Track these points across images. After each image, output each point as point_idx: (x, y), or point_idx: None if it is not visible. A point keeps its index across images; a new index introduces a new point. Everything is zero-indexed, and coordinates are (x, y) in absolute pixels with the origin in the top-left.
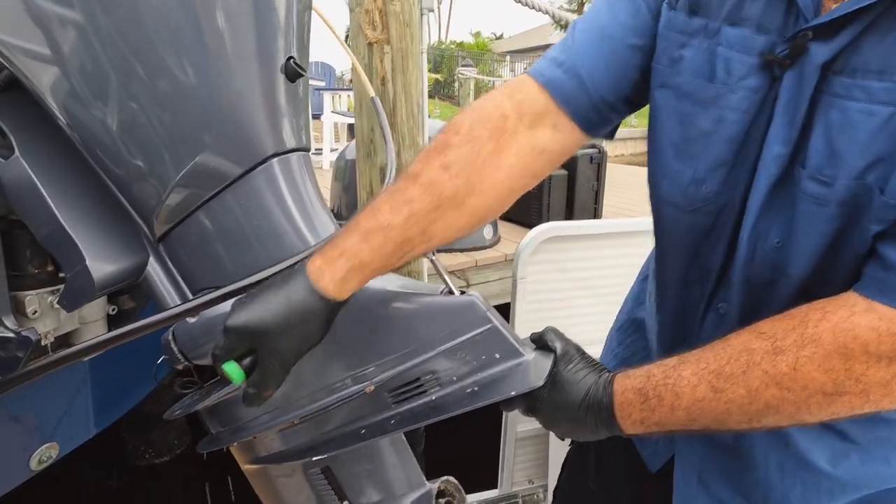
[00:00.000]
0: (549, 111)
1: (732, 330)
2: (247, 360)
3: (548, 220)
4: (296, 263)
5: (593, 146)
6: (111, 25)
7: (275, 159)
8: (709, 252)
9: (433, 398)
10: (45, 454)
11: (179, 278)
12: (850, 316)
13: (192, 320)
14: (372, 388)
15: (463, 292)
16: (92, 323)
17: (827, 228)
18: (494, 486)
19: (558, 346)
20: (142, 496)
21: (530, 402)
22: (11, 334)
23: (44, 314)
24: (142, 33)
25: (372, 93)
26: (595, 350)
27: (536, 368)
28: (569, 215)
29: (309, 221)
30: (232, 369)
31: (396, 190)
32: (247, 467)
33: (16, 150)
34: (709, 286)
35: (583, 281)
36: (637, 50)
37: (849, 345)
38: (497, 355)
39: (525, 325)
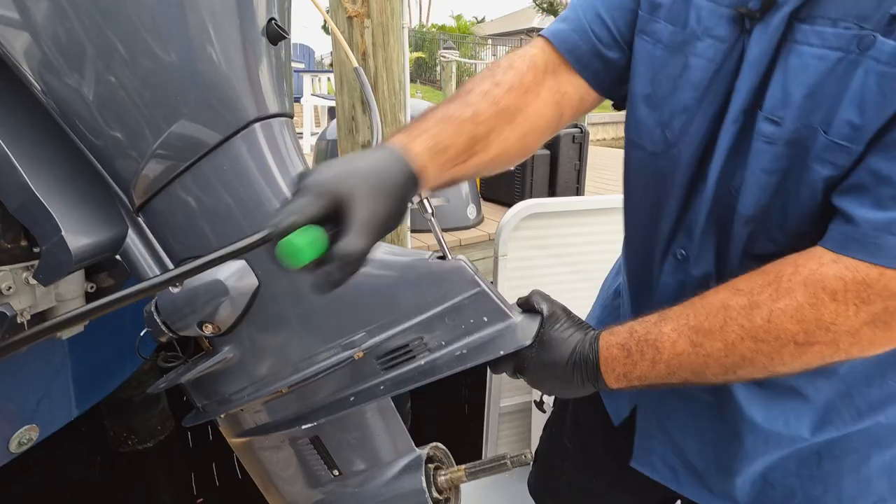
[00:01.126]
0: (561, 60)
1: (690, 274)
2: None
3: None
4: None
5: (575, 126)
6: None
7: (257, 124)
8: (668, 197)
9: (422, 363)
10: (24, 436)
11: (160, 250)
12: (819, 268)
13: (174, 290)
14: (361, 354)
15: (454, 257)
16: (70, 300)
17: (774, 167)
18: None
19: (545, 307)
20: (127, 483)
21: (518, 362)
22: None
23: (18, 291)
24: None
25: (355, 63)
26: None
27: (524, 329)
28: (552, 195)
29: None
30: (301, 242)
31: (456, 98)
32: (234, 441)
33: None
34: (667, 231)
35: (564, 257)
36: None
37: (818, 295)
38: (485, 318)
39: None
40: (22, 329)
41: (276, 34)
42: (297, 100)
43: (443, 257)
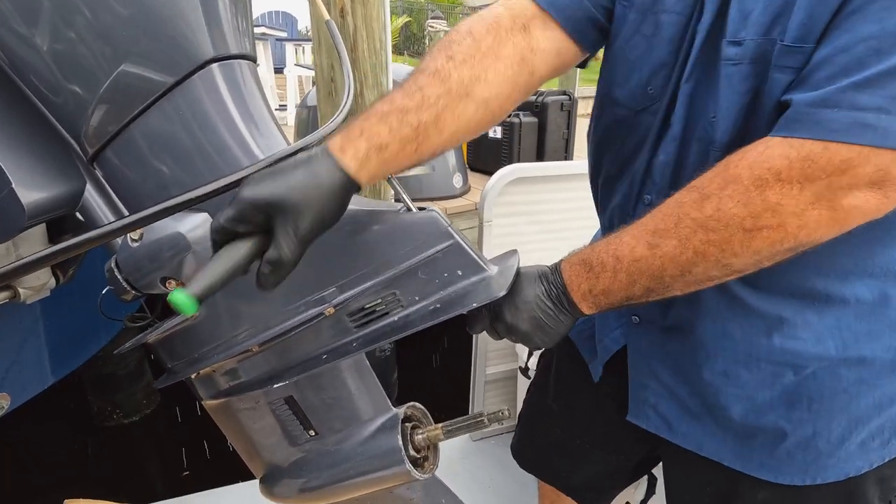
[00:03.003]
0: (536, 14)
1: None
2: (250, 241)
3: None
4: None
5: (564, 93)
6: None
7: (215, 65)
8: (642, 147)
9: (395, 319)
10: None
11: (120, 204)
12: (765, 150)
13: (134, 245)
14: (332, 310)
15: (422, 209)
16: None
17: (743, 87)
18: None
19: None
20: (114, 457)
21: (492, 311)
22: None
23: None
24: None
25: (327, 16)
26: None
27: (498, 281)
28: (540, 159)
29: (256, 133)
30: (180, 298)
31: (407, 81)
32: (209, 403)
33: None
34: (637, 181)
35: (550, 224)
36: None
37: (763, 175)
38: (459, 272)
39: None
40: None
41: None
42: (280, 70)
43: (409, 210)
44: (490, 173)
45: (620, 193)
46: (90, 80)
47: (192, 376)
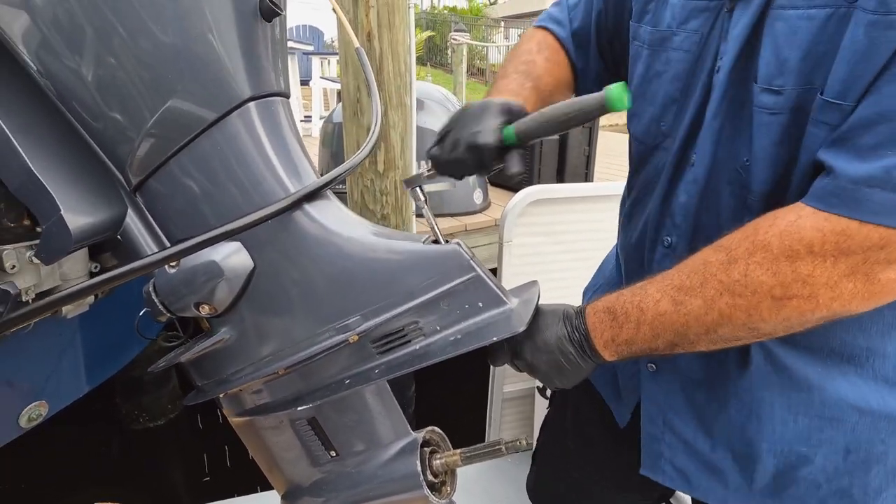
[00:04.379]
0: (552, 42)
1: (678, 261)
2: None
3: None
4: (287, 209)
5: None
6: None
7: (252, 103)
8: (657, 185)
9: (417, 347)
10: (34, 412)
11: (160, 231)
12: (797, 220)
13: (171, 271)
14: (356, 337)
15: (447, 241)
16: (74, 280)
17: (781, 136)
18: None
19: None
20: (141, 459)
21: (512, 348)
22: None
23: (22, 269)
24: None
25: (357, 43)
26: None
27: (519, 315)
28: (560, 181)
29: (290, 168)
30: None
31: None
32: (235, 420)
33: None
34: (654, 219)
35: (570, 244)
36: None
37: (794, 246)
38: (480, 304)
39: (511, 288)
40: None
41: (270, 11)
42: (306, 82)
43: (437, 241)
44: (510, 188)
45: (637, 231)
46: (137, 116)
47: (220, 395)
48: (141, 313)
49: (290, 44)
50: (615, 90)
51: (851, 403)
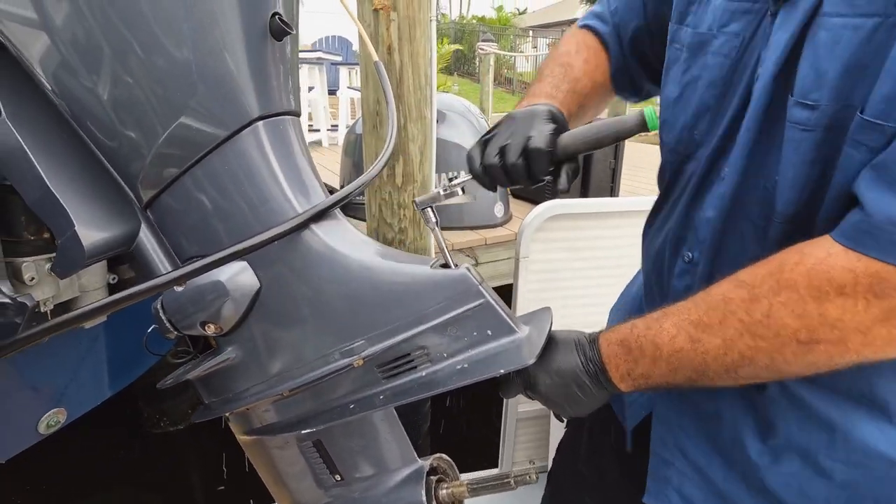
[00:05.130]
0: (592, 42)
1: (701, 278)
2: None
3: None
4: (294, 230)
5: None
6: None
7: (260, 122)
8: (681, 195)
9: (423, 374)
10: (52, 419)
11: (169, 247)
12: (827, 258)
13: (179, 289)
14: (361, 361)
15: (457, 265)
16: (92, 291)
17: (813, 156)
18: (496, 466)
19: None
20: (161, 462)
21: (524, 380)
22: (7, 300)
23: (42, 281)
24: None
25: (375, 57)
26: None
27: (529, 346)
28: (584, 194)
29: (298, 187)
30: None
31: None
32: (242, 438)
33: (2, 112)
34: (675, 231)
35: (590, 261)
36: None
37: (823, 287)
38: (489, 332)
39: (527, 305)
40: (45, 318)
41: (280, 30)
42: (333, 92)
43: (446, 265)
44: (532, 201)
45: (658, 242)
46: (147, 133)
47: (227, 414)
48: (150, 330)
49: (319, 54)
50: (649, 110)
51: (882, 452)
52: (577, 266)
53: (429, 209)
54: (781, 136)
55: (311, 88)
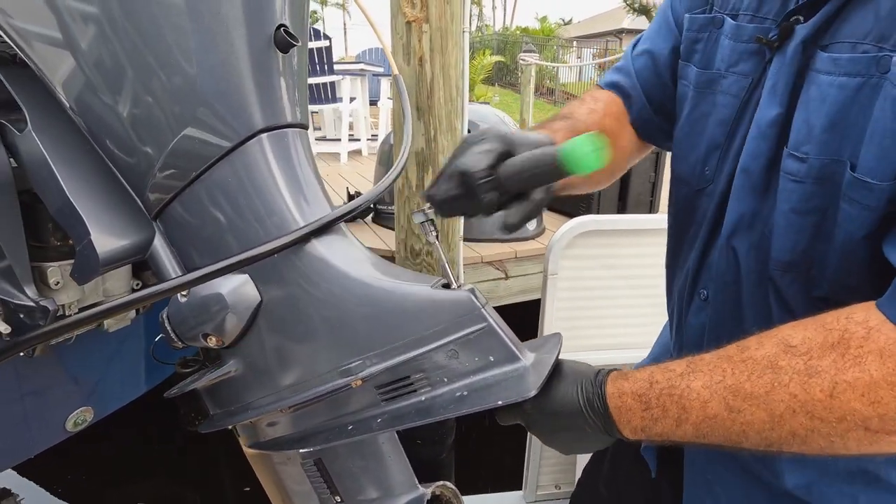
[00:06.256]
0: (616, 103)
1: (710, 317)
2: None
3: (598, 213)
4: (291, 244)
5: None
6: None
7: (265, 135)
8: (698, 231)
9: (422, 399)
10: (79, 417)
11: (178, 256)
12: None
13: (182, 300)
14: (359, 382)
15: (460, 285)
16: (117, 295)
17: (805, 207)
18: (520, 488)
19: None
20: (194, 458)
21: (523, 415)
22: (31, 303)
23: (66, 285)
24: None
25: (395, 70)
26: (629, 356)
27: (531, 377)
28: (622, 209)
29: (302, 200)
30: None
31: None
32: (247, 451)
33: (29, 124)
34: (692, 268)
35: (621, 279)
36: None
37: None
38: (491, 358)
39: (555, 323)
40: None
41: (285, 43)
42: (375, 102)
43: (448, 285)
44: (568, 214)
45: (680, 280)
46: (153, 144)
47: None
48: (157, 339)
49: (360, 65)
50: (568, 150)
51: None
52: (610, 285)
53: (426, 223)
54: (773, 184)
55: (352, 99)
